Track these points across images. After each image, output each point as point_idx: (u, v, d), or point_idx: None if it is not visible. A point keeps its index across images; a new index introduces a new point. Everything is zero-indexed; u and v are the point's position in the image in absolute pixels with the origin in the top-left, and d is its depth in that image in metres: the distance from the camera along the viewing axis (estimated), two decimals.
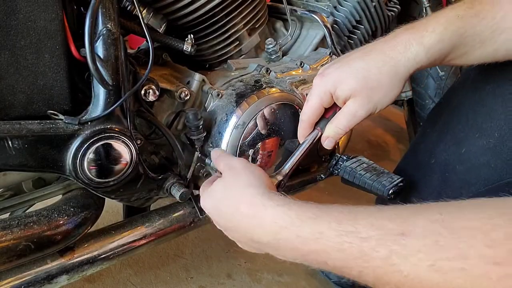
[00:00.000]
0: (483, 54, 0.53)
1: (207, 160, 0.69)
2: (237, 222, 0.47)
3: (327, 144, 0.58)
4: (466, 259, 0.30)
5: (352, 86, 0.53)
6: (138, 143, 0.62)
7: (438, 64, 0.55)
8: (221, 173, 0.54)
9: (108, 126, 0.56)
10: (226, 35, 0.76)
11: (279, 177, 0.56)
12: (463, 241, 0.31)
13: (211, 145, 0.71)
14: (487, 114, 0.61)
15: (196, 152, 0.68)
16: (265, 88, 0.73)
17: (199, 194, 0.70)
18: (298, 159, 0.59)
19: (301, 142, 0.61)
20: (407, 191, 0.72)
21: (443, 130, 0.70)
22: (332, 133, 0.57)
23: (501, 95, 0.59)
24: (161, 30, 0.68)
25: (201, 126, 0.67)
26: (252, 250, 0.50)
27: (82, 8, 0.58)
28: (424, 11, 1.22)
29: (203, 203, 0.53)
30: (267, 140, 0.73)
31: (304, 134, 0.61)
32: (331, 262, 0.38)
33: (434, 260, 0.31)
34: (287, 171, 0.58)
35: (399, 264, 0.33)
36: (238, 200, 0.47)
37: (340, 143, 1.06)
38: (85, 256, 0.63)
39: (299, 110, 0.77)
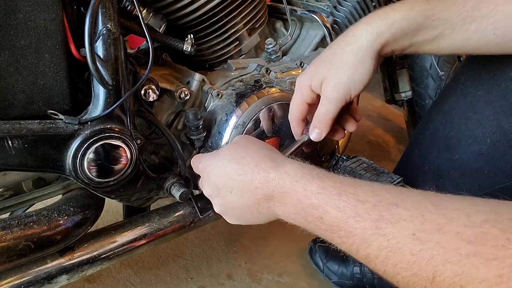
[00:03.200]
0: (454, 43, 0.52)
1: None
2: (250, 179, 0.47)
3: (314, 136, 0.59)
4: (443, 234, 0.32)
5: (321, 72, 0.55)
6: (138, 143, 0.62)
7: (407, 49, 0.54)
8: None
9: (108, 126, 0.56)
10: (226, 35, 0.76)
11: None
12: (446, 218, 0.33)
13: (211, 145, 0.71)
14: (478, 121, 0.61)
15: (195, 152, 0.68)
16: (265, 88, 0.73)
17: (199, 194, 0.70)
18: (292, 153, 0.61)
19: (297, 140, 0.62)
20: None
21: (435, 136, 0.70)
22: (316, 122, 0.58)
23: (491, 103, 0.59)
24: (161, 30, 0.68)
25: (201, 126, 0.67)
26: (255, 216, 0.50)
27: (82, 8, 0.58)
28: None
29: (204, 163, 0.53)
30: (267, 140, 0.73)
31: (296, 132, 0.62)
32: (326, 218, 0.40)
33: (416, 230, 0.34)
34: None
35: (385, 228, 0.36)
36: (257, 157, 0.48)
37: (340, 143, 1.06)
38: (85, 256, 0.63)
39: None
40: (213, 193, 0.52)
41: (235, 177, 0.48)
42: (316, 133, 0.59)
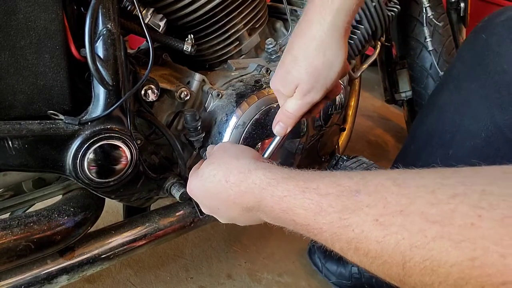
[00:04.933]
0: None
1: (204, 155, 0.69)
2: (226, 195, 0.48)
3: (278, 130, 0.57)
4: (406, 216, 0.29)
5: (292, 79, 0.52)
6: (138, 143, 0.62)
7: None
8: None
9: (108, 126, 0.56)
10: (226, 35, 0.76)
11: None
12: (408, 198, 0.30)
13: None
14: (473, 115, 0.61)
15: (195, 152, 0.68)
16: (265, 88, 0.73)
17: None
18: (275, 149, 0.60)
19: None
20: None
21: (429, 132, 0.70)
22: (282, 117, 0.56)
23: (485, 97, 0.59)
24: (161, 30, 0.68)
25: (199, 127, 0.67)
26: (249, 222, 0.50)
27: (82, 8, 0.58)
28: (424, 11, 1.22)
29: (189, 186, 0.54)
30: (267, 140, 0.73)
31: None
32: (297, 219, 0.39)
33: (379, 215, 0.31)
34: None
35: (349, 219, 0.33)
36: (226, 172, 0.48)
37: (340, 143, 1.06)
38: (85, 256, 0.63)
39: None
40: (210, 211, 0.53)
41: (214, 196, 0.50)
42: (281, 127, 0.57)
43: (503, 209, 0.25)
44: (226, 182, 0.47)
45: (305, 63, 0.51)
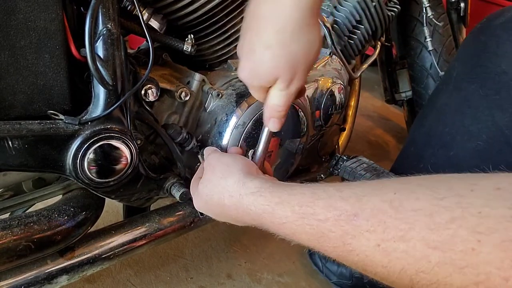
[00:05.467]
0: None
1: (200, 159, 0.69)
2: (228, 214, 0.50)
3: (272, 126, 0.54)
4: (408, 241, 0.30)
5: (272, 72, 0.47)
6: (138, 143, 0.62)
7: None
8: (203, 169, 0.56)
9: (108, 126, 0.56)
10: (226, 35, 0.76)
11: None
12: (407, 222, 0.31)
13: (211, 146, 0.71)
14: (473, 116, 0.60)
15: (199, 156, 0.68)
16: None
17: None
18: (264, 147, 0.58)
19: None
20: None
21: (429, 134, 0.70)
22: (273, 112, 0.52)
23: (485, 97, 0.59)
24: (161, 30, 0.68)
25: (186, 136, 0.67)
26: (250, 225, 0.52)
27: (82, 8, 0.58)
28: (424, 11, 1.22)
29: (196, 206, 0.57)
30: None
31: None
32: (303, 242, 0.40)
33: (380, 240, 0.32)
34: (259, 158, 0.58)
35: (351, 244, 0.34)
36: (219, 196, 0.49)
37: (340, 143, 1.06)
38: (85, 256, 0.63)
39: (299, 110, 0.77)
40: (213, 217, 0.55)
41: (218, 214, 0.52)
42: (275, 122, 0.53)
43: (500, 233, 0.26)
44: (223, 205, 0.49)
45: (283, 51, 0.44)
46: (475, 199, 0.29)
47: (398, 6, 1.04)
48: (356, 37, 0.97)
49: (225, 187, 0.49)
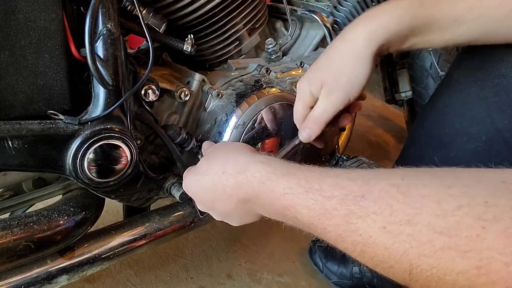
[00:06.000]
0: (445, 41, 0.54)
1: (200, 158, 0.69)
2: (222, 186, 0.48)
3: (304, 137, 0.59)
4: (414, 225, 0.31)
5: (320, 77, 0.56)
6: (138, 143, 0.62)
7: (401, 48, 0.55)
8: None
9: (108, 126, 0.56)
10: (226, 35, 0.76)
11: None
12: (415, 207, 0.31)
13: None
14: (472, 118, 0.61)
15: (199, 156, 0.69)
16: (265, 88, 0.73)
17: None
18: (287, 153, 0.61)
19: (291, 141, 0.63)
20: None
21: (429, 135, 0.70)
22: (308, 123, 0.58)
23: (485, 100, 0.59)
24: (161, 30, 0.68)
25: (186, 136, 0.67)
26: (244, 218, 0.51)
27: (82, 8, 0.58)
28: None
29: (185, 182, 0.55)
30: (267, 140, 0.73)
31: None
32: (300, 217, 0.40)
33: (386, 222, 0.32)
34: None
35: (356, 223, 0.34)
36: (223, 163, 0.49)
37: (340, 143, 1.06)
38: (85, 256, 0.63)
39: None
40: (205, 207, 0.54)
41: (209, 189, 0.50)
42: (307, 133, 0.58)
43: (505, 221, 0.27)
44: (223, 173, 0.48)
45: (335, 64, 0.54)
46: (481, 189, 0.30)
47: None
48: None
49: (232, 156, 0.49)
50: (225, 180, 0.47)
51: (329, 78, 0.55)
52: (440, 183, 0.32)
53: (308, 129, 0.58)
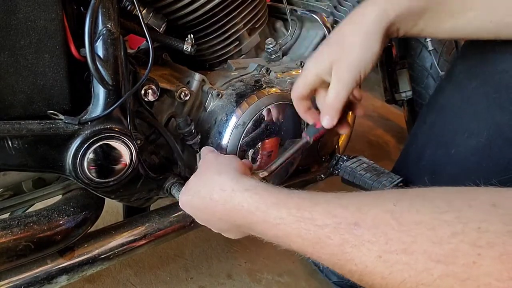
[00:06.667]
0: (453, 27, 0.53)
1: (198, 159, 0.69)
2: (213, 211, 0.48)
3: (325, 123, 0.57)
4: (410, 254, 0.31)
5: (331, 55, 0.54)
6: (138, 143, 0.62)
7: (410, 30, 0.54)
8: None
9: (108, 126, 0.56)
10: (226, 35, 0.76)
11: (264, 173, 0.57)
12: (410, 235, 0.31)
13: (211, 145, 0.71)
14: (473, 114, 0.61)
15: (197, 155, 0.68)
16: (265, 88, 0.73)
17: None
18: (285, 161, 0.60)
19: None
20: None
21: (431, 132, 0.70)
22: (326, 109, 0.56)
23: (486, 95, 0.59)
24: (161, 30, 0.68)
25: (193, 131, 0.67)
26: (239, 235, 0.51)
27: (82, 8, 0.58)
28: None
29: (180, 200, 0.55)
30: (267, 140, 0.73)
31: (300, 109, 0.60)
32: (294, 246, 0.40)
33: (381, 251, 0.32)
34: (273, 170, 0.59)
35: (351, 253, 0.34)
36: (209, 189, 0.49)
37: (340, 143, 1.06)
38: (85, 256, 0.63)
39: None
40: (202, 223, 0.54)
41: (201, 211, 0.51)
42: (327, 119, 0.56)
43: (499, 247, 0.27)
44: (210, 199, 0.48)
45: (345, 43, 0.52)
46: (473, 214, 0.30)
47: None
48: None
49: (217, 181, 0.48)
50: (213, 206, 0.48)
51: (339, 57, 0.53)
52: (432, 208, 0.32)
53: (327, 115, 0.56)
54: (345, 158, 0.80)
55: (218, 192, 0.47)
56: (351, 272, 0.35)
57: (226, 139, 0.69)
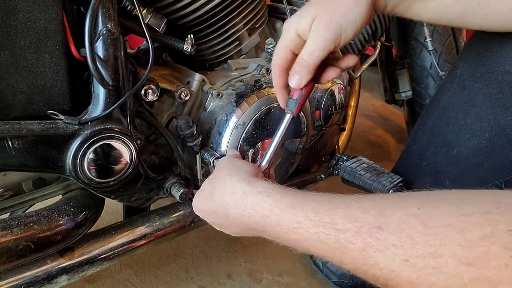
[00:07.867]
0: (439, 7, 0.51)
1: (205, 155, 0.69)
2: (225, 214, 0.47)
3: (294, 83, 0.52)
4: (439, 258, 0.30)
5: (312, 11, 0.50)
6: (138, 143, 0.62)
7: (398, 6, 0.52)
8: None
9: (108, 126, 0.56)
10: (226, 35, 0.76)
11: (264, 165, 0.57)
12: (438, 238, 0.30)
13: (211, 145, 0.71)
14: (476, 114, 0.61)
15: (197, 156, 0.69)
16: (265, 88, 0.73)
17: None
18: (277, 145, 0.58)
19: (277, 90, 0.58)
20: None
21: (432, 132, 0.70)
22: (297, 66, 0.51)
23: (489, 96, 0.59)
24: (161, 30, 0.68)
25: (195, 132, 0.67)
26: (252, 235, 0.50)
27: (82, 8, 0.58)
28: None
29: (194, 203, 0.55)
30: (267, 140, 0.73)
31: (277, 82, 0.56)
32: (313, 250, 0.39)
33: (408, 256, 0.31)
34: (268, 158, 0.58)
35: (375, 257, 0.33)
36: (221, 192, 0.48)
37: (340, 143, 1.06)
38: (85, 256, 0.63)
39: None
40: (216, 226, 0.53)
41: (213, 214, 0.50)
42: (296, 79, 0.51)
43: None
44: (222, 201, 0.47)
45: (331, 0, 0.49)
46: (501, 216, 0.29)
47: None
48: (356, 37, 0.97)
49: (229, 184, 0.47)
50: (226, 210, 0.47)
51: (321, 12, 0.49)
52: (459, 211, 0.31)
53: (296, 74, 0.51)
54: (345, 158, 0.80)
55: (229, 195, 0.46)
56: (375, 277, 0.34)
57: (226, 139, 0.69)
